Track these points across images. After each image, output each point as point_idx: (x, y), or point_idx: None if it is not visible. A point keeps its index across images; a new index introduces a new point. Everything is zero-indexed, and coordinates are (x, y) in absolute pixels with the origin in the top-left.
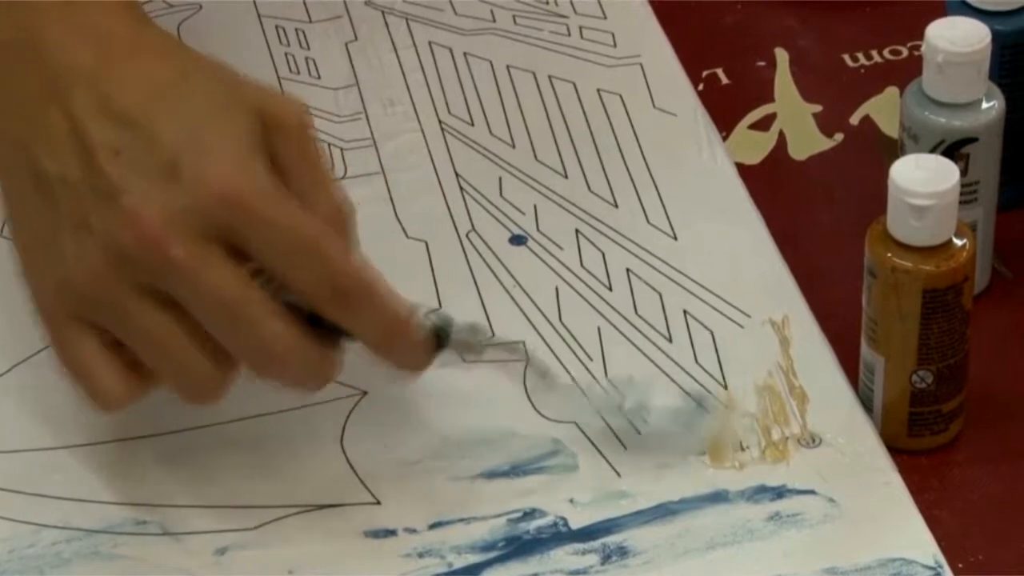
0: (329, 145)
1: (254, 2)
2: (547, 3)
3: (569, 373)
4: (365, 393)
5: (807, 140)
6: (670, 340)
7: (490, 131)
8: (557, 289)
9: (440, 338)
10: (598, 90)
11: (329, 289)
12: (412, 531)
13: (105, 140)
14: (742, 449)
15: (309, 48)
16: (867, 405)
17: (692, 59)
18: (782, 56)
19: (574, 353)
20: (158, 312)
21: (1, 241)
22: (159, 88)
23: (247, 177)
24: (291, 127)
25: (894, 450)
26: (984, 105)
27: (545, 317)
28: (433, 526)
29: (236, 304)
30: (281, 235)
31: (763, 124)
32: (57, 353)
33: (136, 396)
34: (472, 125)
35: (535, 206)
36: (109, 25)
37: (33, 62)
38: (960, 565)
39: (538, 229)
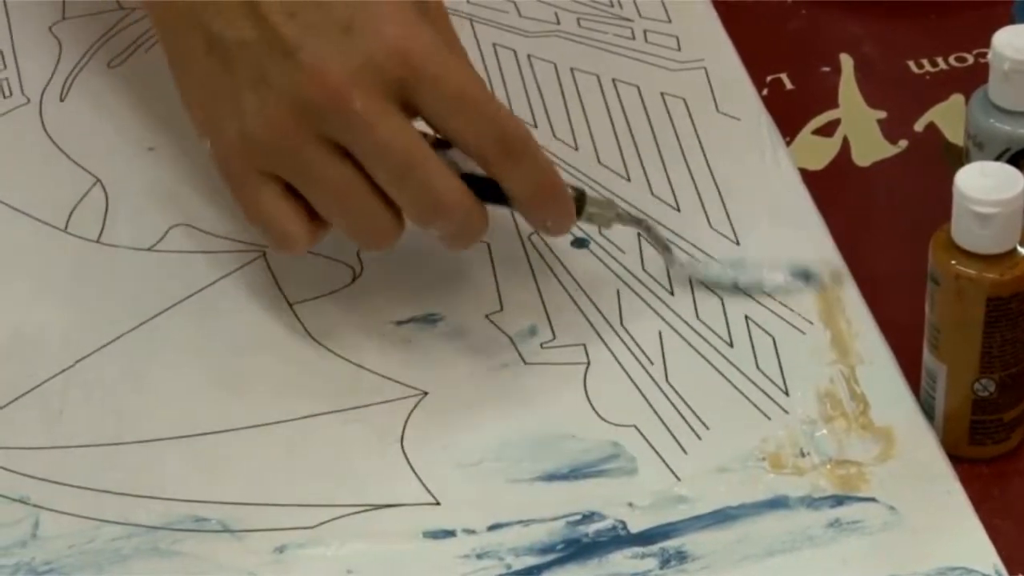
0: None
1: None
2: (612, 6)
3: (631, 378)
4: (426, 394)
5: (871, 146)
6: (731, 345)
7: (553, 133)
8: (618, 292)
9: (578, 203)
10: (662, 94)
11: (494, 141)
12: (471, 532)
13: (277, 4)
14: (802, 455)
15: None
16: (928, 413)
17: (757, 64)
18: (847, 62)
19: (635, 357)
20: (337, 161)
21: (74, 240)
22: None
23: (418, 35)
24: (433, 3)
25: (955, 458)
26: None
27: (606, 320)
28: (492, 528)
29: (410, 155)
30: (451, 89)
31: (827, 130)
32: (241, 204)
33: (316, 240)
34: (535, 127)
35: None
36: None
37: None
38: (1021, 575)
39: (600, 232)
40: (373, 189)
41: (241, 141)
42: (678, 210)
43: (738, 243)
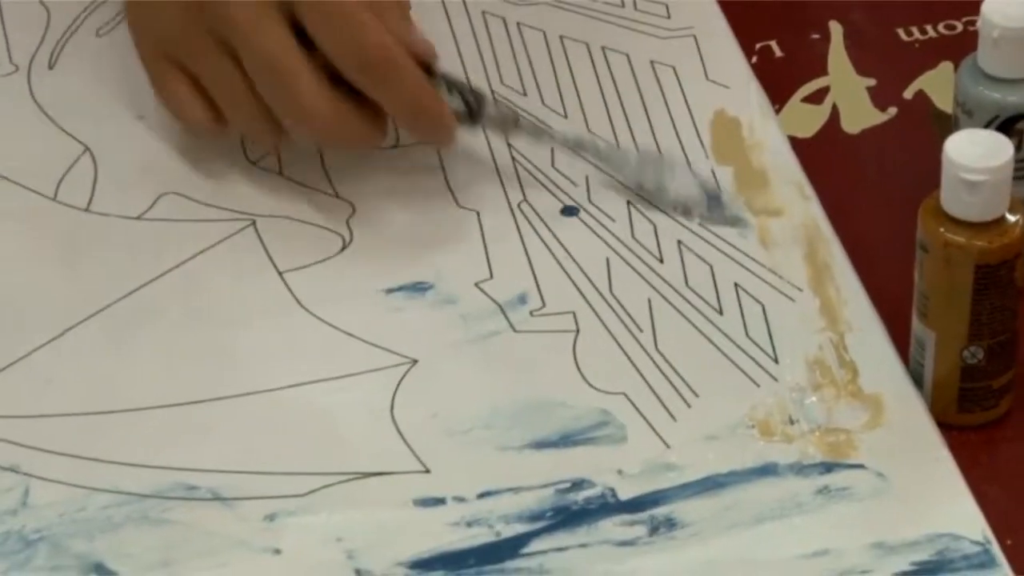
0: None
1: None
2: None
3: (620, 345)
4: (415, 362)
5: (860, 114)
6: (721, 313)
7: (543, 101)
8: (608, 260)
9: (472, 112)
10: (651, 62)
11: (358, 62)
12: (461, 500)
13: None
14: (791, 422)
15: None
16: (917, 380)
17: (746, 31)
18: (836, 29)
19: (624, 324)
20: (224, 58)
21: (63, 208)
22: None
23: None
24: None
25: (944, 425)
26: None
27: (596, 288)
28: (481, 495)
29: (277, 58)
30: (323, 6)
31: (816, 97)
32: (155, 88)
33: (218, 127)
34: (525, 95)
35: (587, 177)
36: None
37: None
38: (1009, 541)
39: (590, 200)
40: (252, 88)
41: (152, 30)
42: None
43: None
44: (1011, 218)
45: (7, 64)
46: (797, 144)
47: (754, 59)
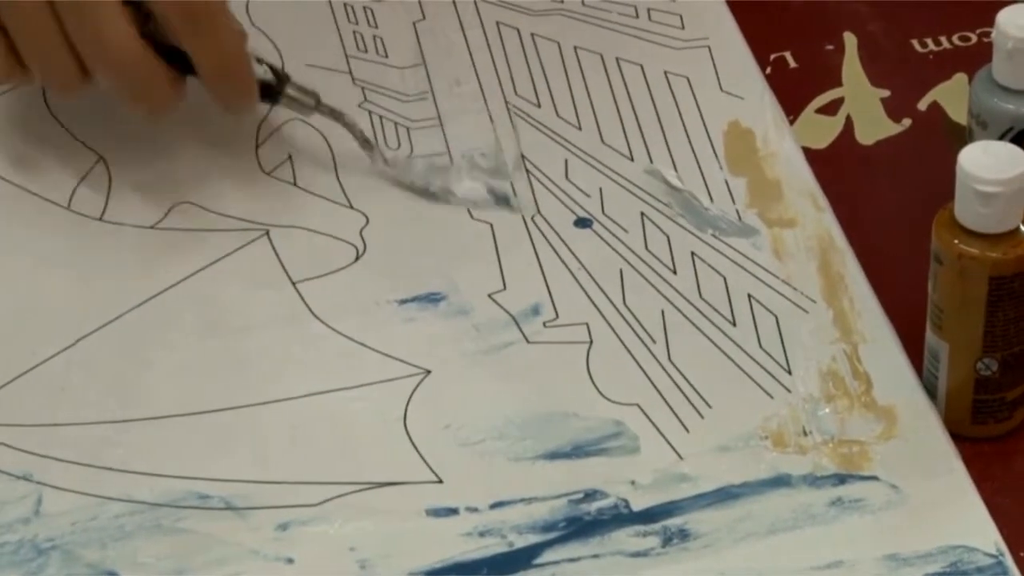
0: (396, 124)
1: None
2: None
3: (633, 356)
4: (428, 372)
5: (874, 125)
6: (734, 324)
7: (557, 113)
8: (621, 272)
9: (273, 90)
10: (665, 72)
11: (179, 5)
12: (473, 510)
13: None
14: (805, 434)
15: (377, 26)
16: (931, 391)
17: (760, 42)
18: (851, 40)
19: (637, 335)
20: (39, 9)
21: (77, 218)
22: None
23: None
24: None
25: (957, 437)
26: None
27: (609, 299)
28: (494, 506)
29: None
30: None
31: (830, 108)
32: None
33: (17, 72)
34: (539, 106)
35: (600, 189)
36: None
37: None
38: (1022, 553)
39: (603, 212)
40: (64, 39)
41: None
42: (681, 189)
43: (741, 221)
44: None
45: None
46: (811, 155)
47: (768, 70)
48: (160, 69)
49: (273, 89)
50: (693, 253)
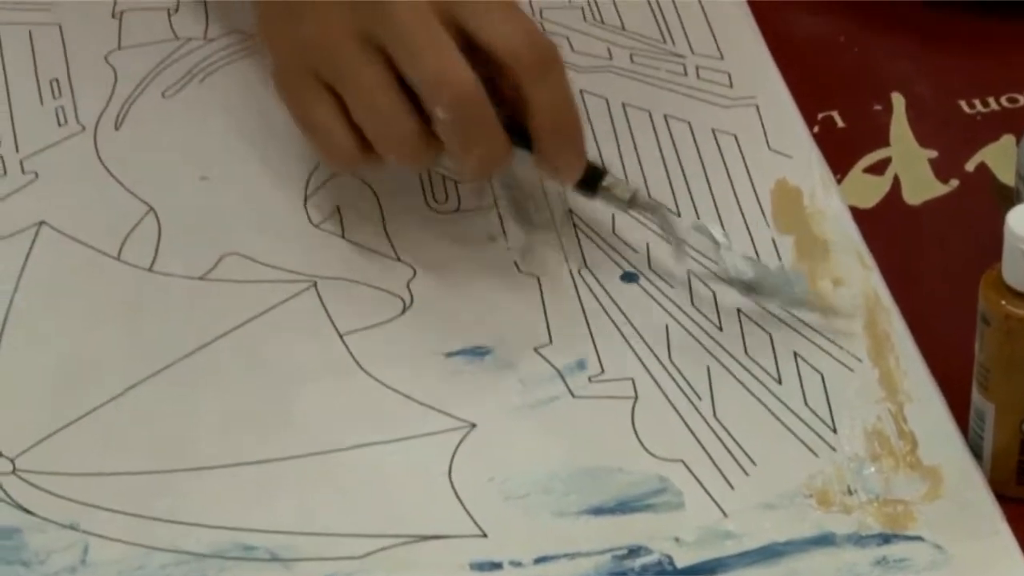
0: (444, 178)
1: None
2: (664, 42)
3: (678, 412)
4: (474, 426)
5: (922, 185)
6: (779, 382)
7: (605, 168)
8: (667, 327)
9: (596, 172)
10: (713, 130)
11: (526, 46)
12: (517, 564)
13: None
14: (850, 492)
15: None
16: (976, 452)
17: (808, 101)
18: (899, 101)
19: (683, 391)
20: (374, 60)
21: (127, 268)
22: None
23: None
24: None
25: (1003, 498)
26: None
27: (655, 355)
28: (538, 560)
29: (424, 42)
30: (491, 4)
31: (878, 168)
32: (292, 111)
33: (362, 155)
34: None
35: (647, 244)
36: None
37: None
38: None
39: (650, 267)
40: (404, 97)
41: (295, 45)
42: (730, 247)
43: (789, 280)
44: None
45: (75, 124)
46: (858, 214)
47: (816, 129)
48: (495, 116)
49: (597, 172)
50: (739, 310)
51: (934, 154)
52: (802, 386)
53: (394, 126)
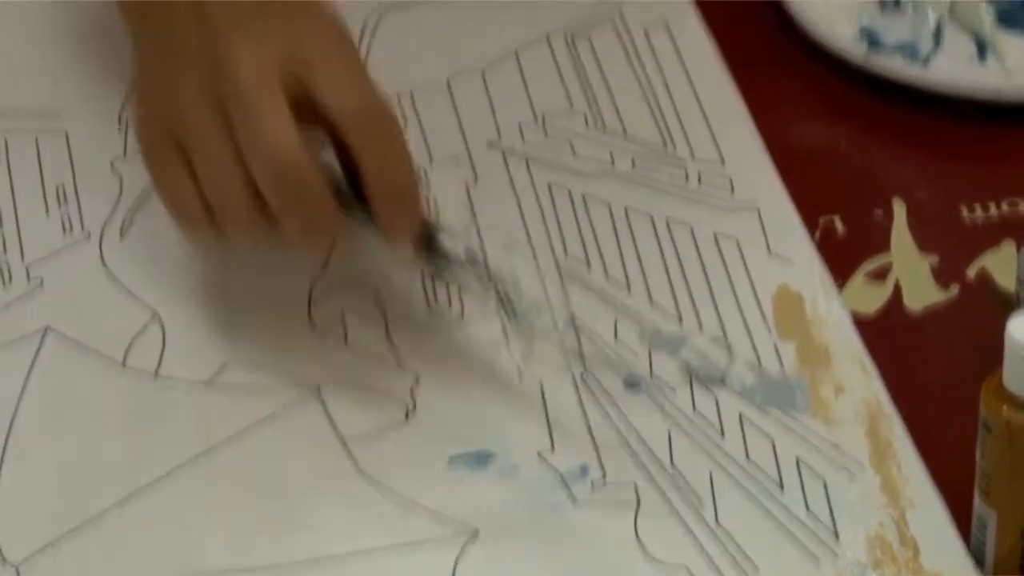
0: (447, 284)
1: None
2: (666, 147)
3: (681, 518)
4: (477, 531)
5: (923, 291)
6: (782, 487)
7: (606, 273)
8: (670, 433)
9: (430, 235)
10: (715, 234)
11: (359, 109)
12: None
13: (219, 4)
14: None
15: (429, 188)
16: (979, 559)
17: (809, 207)
18: (900, 207)
19: (685, 497)
20: (220, 125)
21: (131, 373)
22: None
23: (324, 17)
24: None
25: None
26: None
27: (657, 460)
28: None
29: (251, 95)
30: (331, 63)
31: (879, 274)
32: (149, 170)
33: (209, 221)
34: (589, 267)
35: (649, 351)
36: None
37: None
38: None
39: (652, 373)
40: (239, 158)
41: (154, 112)
42: (729, 351)
43: (791, 386)
44: None
45: (80, 231)
46: (860, 320)
47: (817, 234)
48: (321, 182)
49: (430, 229)
50: (741, 415)
51: (935, 260)
52: (804, 492)
53: (230, 195)
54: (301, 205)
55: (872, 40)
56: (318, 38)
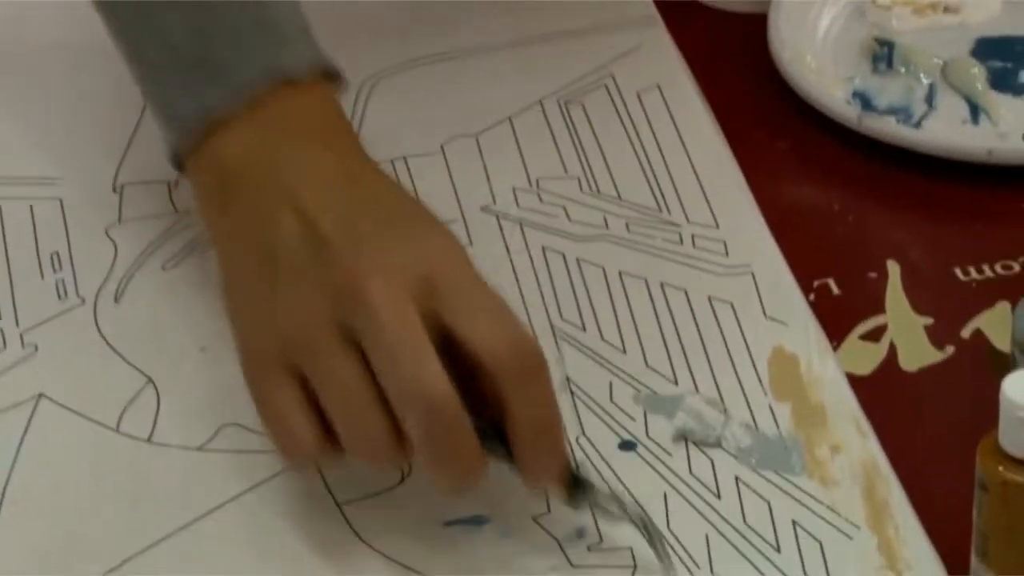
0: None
1: None
2: (660, 211)
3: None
4: None
5: (918, 352)
6: (778, 550)
7: (601, 336)
8: (665, 495)
9: (579, 482)
10: (709, 298)
11: (511, 350)
12: None
13: (324, 210)
14: None
15: None
16: None
17: (804, 269)
18: (894, 268)
19: (681, 561)
20: (351, 357)
21: (125, 440)
22: (386, 195)
23: (453, 253)
24: None
25: None
26: None
27: (653, 523)
28: None
29: (402, 341)
30: (475, 298)
31: (874, 335)
32: (256, 402)
33: (322, 451)
34: (584, 330)
35: (644, 412)
36: (347, 153)
37: (272, 172)
38: None
39: (647, 435)
40: (378, 395)
41: (269, 335)
42: (725, 413)
43: (787, 448)
44: None
45: (75, 297)
46: (855, 382)
47: (812, 296)
48: (469, 428)
49: (579, 482)
50: (737, 478)
51: (930, 321)
52: (801, 554)
53: (366, 425)
54: (455, 456)
55: (865, 103)
56: (445, 260)
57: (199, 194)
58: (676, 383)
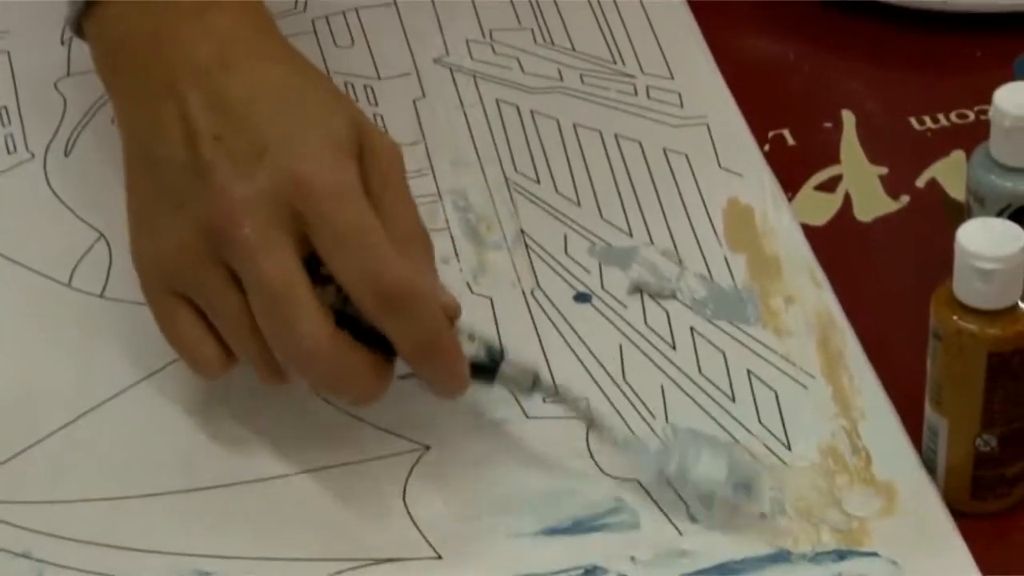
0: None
1: (323, 59)
2: (614, 62)
3: (633, 432)
4: (428, 448)
5: (873, 202)
6: (733, 400)
7: (556, 189)
8: (621, 347)
9: (489, 370)
10: (664, 149)
11: (373, 288)
12: None
13: (209, 127)
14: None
15: (377, 104)
16: (931, 468)
17: (759, 120)
18: (849, 118)
19: (637, 411)
20: (231, 288)
21: (77, 295)
22: (267, 87)
23: (325, 169)
24: (384, 154)
25: (957, 513)
26: None
27: (608, 375)
28: None
29: (279, 289)
30: (339, 228)
31: (829, 185)
32: (158, 324)
33: (230, 364)
34: (538, 183)
35: (599, 264)
36: (234, 29)
37: (158, 56)
38: None
39: (602, 287)
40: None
41: (155, 262)
42: (680, 264)
43: (742, 298)
44: None
45: (24, 151)
46: (810, 232)
47: (767, 147)
48: (359, 362)
49: (486, 368)
50: (692, 328)
51: (884, 171)
52: (756, 404)
53: (253, 354)
54: (339, 387)
55: None
56: (316, 178)
57: (93, 61)
58: (631, 235)
